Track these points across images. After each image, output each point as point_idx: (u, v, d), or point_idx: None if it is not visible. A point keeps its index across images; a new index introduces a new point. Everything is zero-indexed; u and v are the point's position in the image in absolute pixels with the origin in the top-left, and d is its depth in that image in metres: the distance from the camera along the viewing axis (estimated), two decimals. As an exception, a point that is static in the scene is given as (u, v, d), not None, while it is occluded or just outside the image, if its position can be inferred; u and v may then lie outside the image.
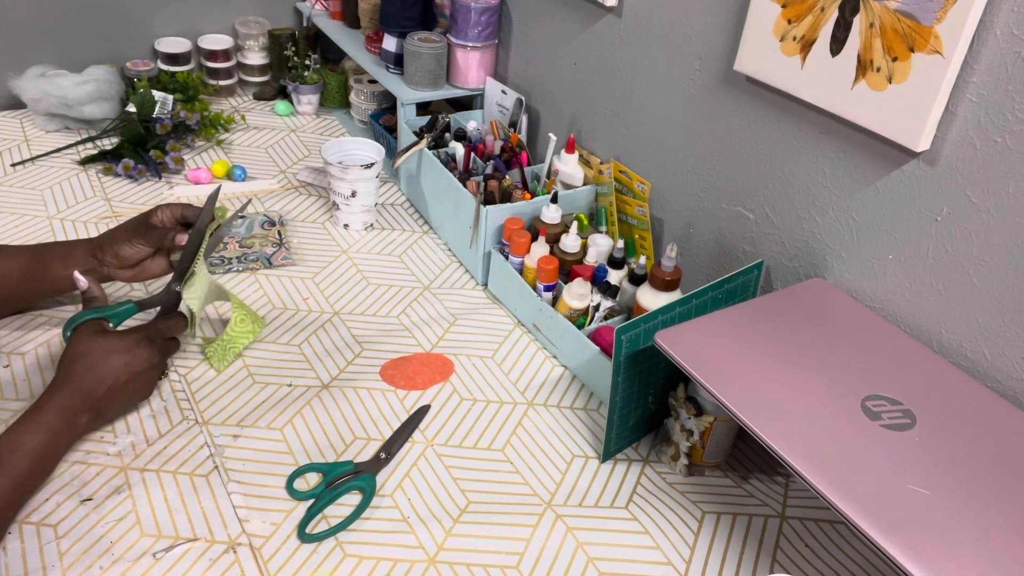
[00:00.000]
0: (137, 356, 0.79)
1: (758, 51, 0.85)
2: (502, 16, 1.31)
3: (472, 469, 0.82)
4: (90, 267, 0.90)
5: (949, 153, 0.73)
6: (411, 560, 0.72)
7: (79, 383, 0.76)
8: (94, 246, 0.91)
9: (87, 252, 0.90)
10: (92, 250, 0.90)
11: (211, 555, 0.71)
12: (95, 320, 0.82)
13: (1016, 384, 0.72)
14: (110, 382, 0.77)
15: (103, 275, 0.91)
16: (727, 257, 0.99)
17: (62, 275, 0.90)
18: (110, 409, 0.80)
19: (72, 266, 0.89)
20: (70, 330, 0.81)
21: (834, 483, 0.60)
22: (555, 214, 1.04)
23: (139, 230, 0.90)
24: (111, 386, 0.77)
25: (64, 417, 0.74)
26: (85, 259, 0.90)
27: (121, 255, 0.90)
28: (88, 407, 0.76)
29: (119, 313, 0.83)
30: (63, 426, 0.74)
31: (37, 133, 1.34)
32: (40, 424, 0.73)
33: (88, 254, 0.90)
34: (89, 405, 0.76)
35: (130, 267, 0.91)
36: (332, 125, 1.50)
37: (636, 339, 0.78)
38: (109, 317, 0.83)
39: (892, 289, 0.81)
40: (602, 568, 0.73)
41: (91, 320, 0.81)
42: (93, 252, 0.90)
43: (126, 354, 0.79)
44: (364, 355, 0.96)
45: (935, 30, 0.69)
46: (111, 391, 0.78)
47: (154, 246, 0.91)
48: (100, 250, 0.90)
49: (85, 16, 1.42)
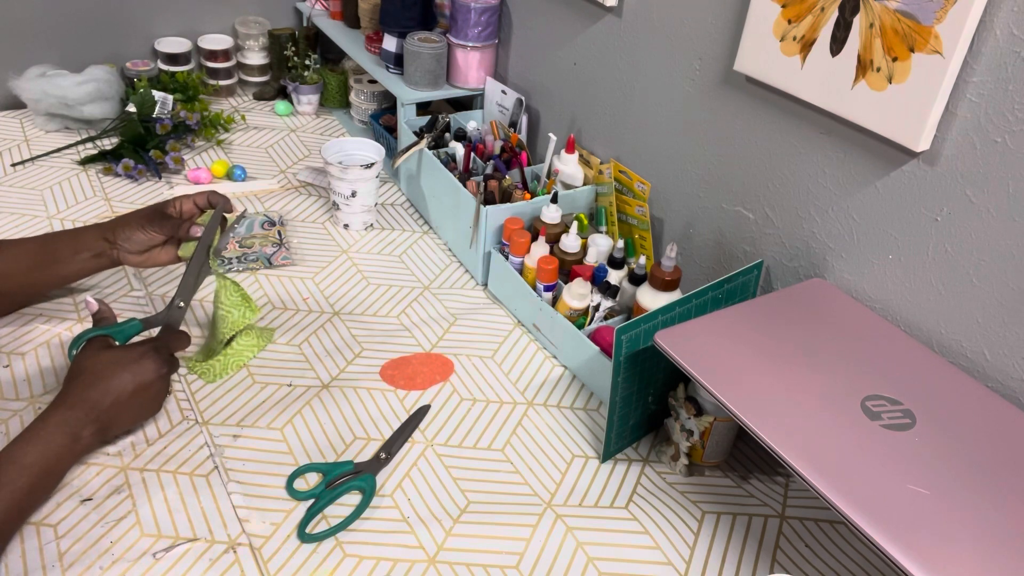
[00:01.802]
0: (144, 367, 0.77)
1: (758, 51, 0.85)
2: (502, 16, 1.31)
3: (472, 469, 0.82)
4: (100, 250, 0.90)
5: (949, 153, 0.73)
6: (411, 560, 0.72)
7: (82, 395, 0.74)
8: (106, 229, 0.91)
9: (98, 236, 0.91)
10: (103, 233, 0.91)
11: (211, 555, 0.71)
12: (100, 337, 0.80)
13: (1016, 384, 0.72)
14: (115, 394, 0.75)
15: (113, 258, 0.91)
16: (727, 257, 0.99)
17: (72, 263, 0.90)
18: (116, 422, 0.77)
19: (81, 252, 0.90)
20: (76, 348, 0.79)
21: (834, 483, 0.60)
22: (555, 214, 1.04)
23: (154, 217, 0.91)
24: (116, 398, 0.75)
25: (66, 430, 0.72)
26: (95, 242, 0.90)
27: (133, 239, 0.90)
28: (92, 420, 0.74)
29: (124, 330, 0.82)
30: (65, 440, 0.72)
31: (37, 133, 1.34)
32: (41, 438, 0.70)
33: (99, 237, 0.91)
34: (93, 418, 0.74)
35: (139, 253, 0.92)
36: (332, 125, 1.50)
37: (636, 339, 0.78)
38: (114, 334, 0.81)
39: (892, 289, 0.81)
40: (602, 568, 0.73)
41: (96, 337, 0.80)
42: (104, 235, 0.91)
43: (132, 365, 0.77)
44: (364, 355, 0.96)
45: (935, 30, 0.69)
46: (116, 403, 0.75)
47: (168, 235, 0.92)
48: (112, 233, 0.91)
49: (85, 16, 1.42)
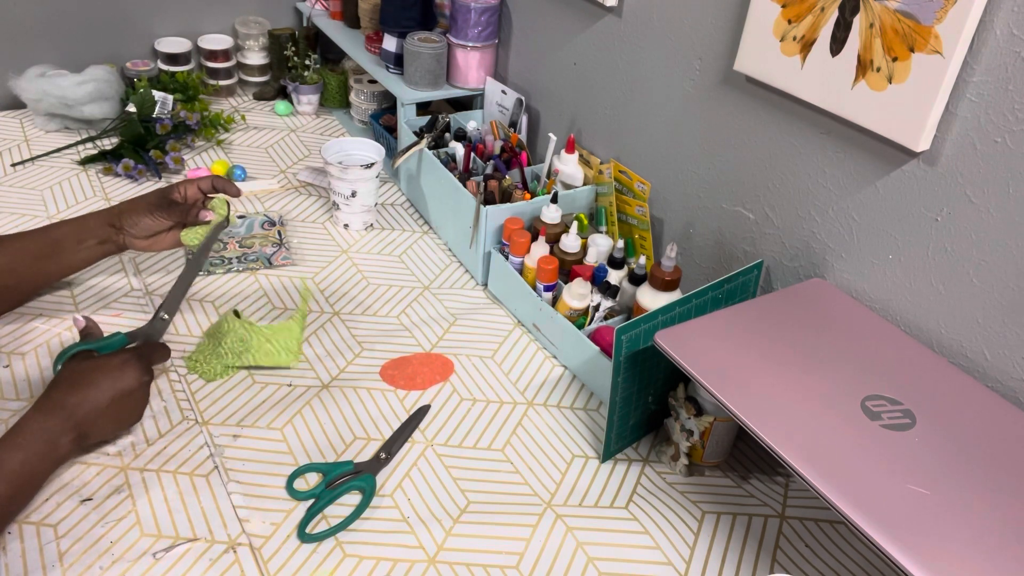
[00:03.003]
0: (125, 374, 0.76)
1: (758, 51, 0.85)
2: (502, 16, 1.31)
3: (472, 469, 0.82)
4: (106, 236, 0.91)
5: (949, 153, 0.73)
6: (411, 560, 0.72)
7: (60, 401, 0.73)
8: (111, 215, 0.91)
9: (103, 222, 0.91)
10: (109, 219, 0.91)
11: (211, 555, 0.71)
12: (84, 351, 0.79)
13: (1016, 384, 0.72)
14: (95, 400, 0.74)
15: (119, 244, 0.92)
16: (727, 257, 0.99)
17: (77, 252, 0.91)
18: (95, 429, 0.76)
19: (87, 240, 0.90)
20: (60, 363, 0.78)
21: (834, 483, 0.60)
22: (555, 214, 1.04)
23: (161, 203, 0.91)
24: (95, 404, 0.74)
25: (45, 437, 0.71)
26: (100, 229, 0.91)
27: (140, 225, 0.91)
28: (70, 427, 0.72)
29: (110, 344, 0.81)
30: (43, 447, 0.70)
31: (37, 133, 1.34)
32: (18, 445, 0.69)
33: (104, 223, 0.91)
34: (71, 425, 0.72)
35: (145, 238, 0.93)
36: (332, 125, 1.50)
37: (636, 339, 0.78)
38: (99, 349, 0.80)
39: (892, 289, 0.81)
40: (602, 568, 0.73)
41: (81, 352, 0.79)
42: (110, 221, 0.91)
43: (113, 371, 0.76)
44: (364, 355, 0.96)
45: (935, 30, 0.69)
46: (95, 409, 0.74)
47: (175, 220, 0.92)
48: (118, 219, 0.91)
49: (85, 16, 1.42)
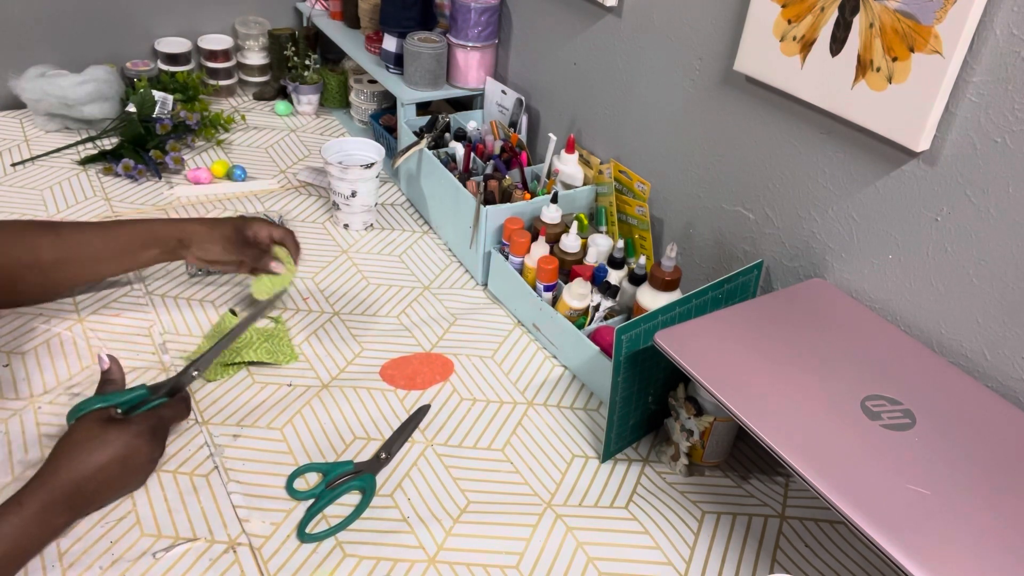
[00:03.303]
0: (137, 452, 0.74)
1: (758, 51, 0.85)
2: (502, 16, 1.31)
3: (472, 469, 0.82)
4: (171, 248, 0.93)
5: (949, 153, 0.73)
6: (411, 560, 0.72)
7: (66, 477, 0.70)
8: (183, 231, 0.93)
9: (173, 234, 0.92)
10: (179, 233, 0.93)
11: (211, 555, 0.71)
12: (102, 410, 0.75)
13: (1016, 384, 0.72)
14: (100, 479, 0.71)
15: (179, 256, 0.94)
16: (727, 257, 0.99)
17: (140, 256, 0.93)
18: (94, 502, 0.73)
19: (152, 248, 0.92)
20: (75, 418, 0.74)
21: (834, 483, 0.60)
22: (555, 214, 1.04)
23: (236, 240, 0.93)
24: (100, 483, 0.72)
25: (43, 517, 0.68)
26: (169, 240, 0.92)
27: (210, 251, 0.93)
28: (69, 507, 0.70)
29: (129, 400, 0.77)
30: (39, 530, 0.68)
31: (37, 133, 1.34)
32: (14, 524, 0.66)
33: (175, 236, 0.92)
34: (71, 504, 0.70)
35: (207, 261, 0.95)
36: (332, 125, 1.50)
37: (636, 339, 0.78)
38: (118, 404, 0.77)
39: (892, 289, 0.81)
40: (602, 568, 0.73)
41: (97, 410, 0.75)
42: (180, 236, 0.93)
43: (124, 450, 0.73)
44: (364, 355, 0.96)
45: (935, 30, 0.69)
46: (99, 486, 0.72)
47: (243, 259, 0.94)
48: (189, 238, 0.93)
49: (85, 16, 1.42)
